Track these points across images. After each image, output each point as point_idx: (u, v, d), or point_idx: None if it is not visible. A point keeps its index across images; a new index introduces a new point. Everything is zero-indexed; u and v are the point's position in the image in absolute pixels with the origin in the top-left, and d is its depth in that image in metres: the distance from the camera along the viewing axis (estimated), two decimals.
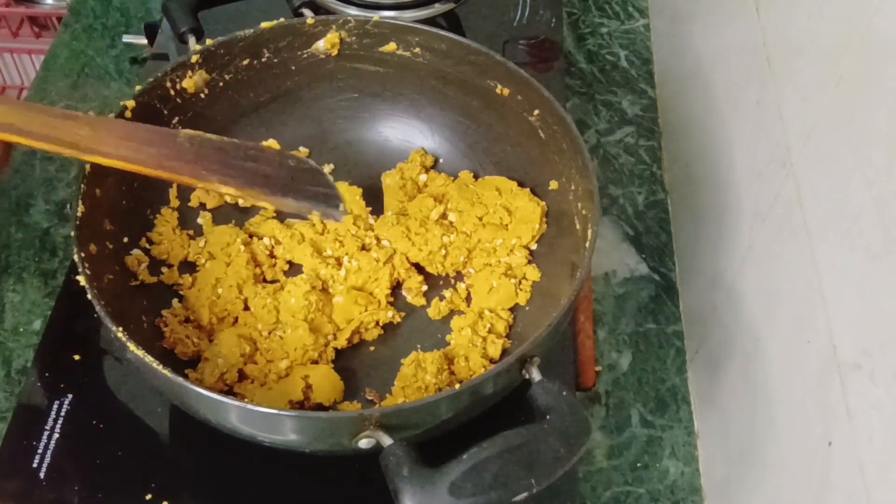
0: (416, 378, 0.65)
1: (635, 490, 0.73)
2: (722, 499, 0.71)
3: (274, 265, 0.72)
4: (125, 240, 0.69)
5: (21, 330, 0.78)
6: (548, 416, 0.53)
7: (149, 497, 0.64)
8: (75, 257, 0.60)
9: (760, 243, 0.69)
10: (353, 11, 0.88)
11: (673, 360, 0.81)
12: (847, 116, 0.56)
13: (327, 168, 0.79)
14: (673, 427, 0.77)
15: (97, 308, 0.57)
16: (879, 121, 0.52)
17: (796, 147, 0.63)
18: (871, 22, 0.54)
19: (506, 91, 0.73)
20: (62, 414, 0.68)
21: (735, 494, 0.69)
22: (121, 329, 0.56)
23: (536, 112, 0.71)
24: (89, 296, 0.57)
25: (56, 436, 0.66)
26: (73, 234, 0.61)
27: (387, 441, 0.52)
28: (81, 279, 0.58)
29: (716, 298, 0.76)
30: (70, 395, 0.69)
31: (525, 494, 0.50)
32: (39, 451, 0.66)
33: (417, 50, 0.75)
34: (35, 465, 0.65)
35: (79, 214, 0.62)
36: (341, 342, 0.69)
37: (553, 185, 0.72)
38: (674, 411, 0.78)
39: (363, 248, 0.73)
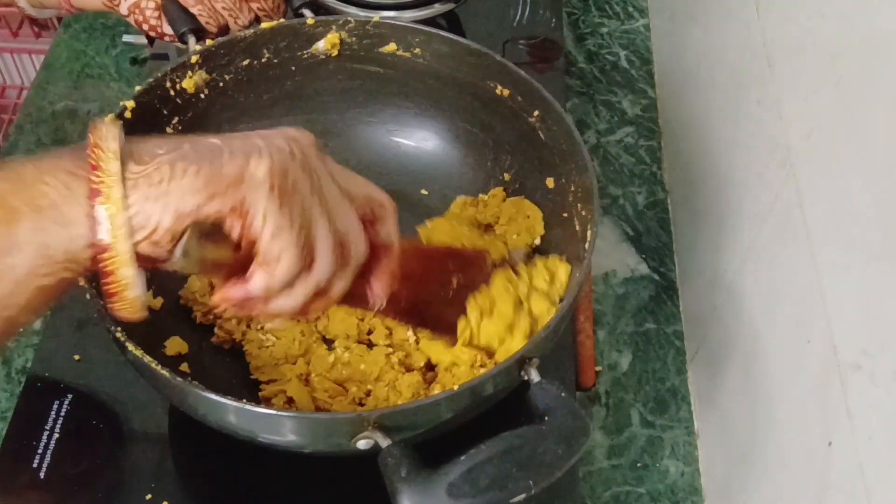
0: (388, 401, 0.64)
1: (635, 490, 0.73)
2: (722, 499, 0.71)
3: None
4: None
5: (21, 330, 0.78)
6: (546, 418, 0.53)
7: (149, 497, 0.64)
8: None
9: (760, 243, 0.69)
10: (353, 11, 0.88)
11: (673, 360, 0.81)
12: (847, 116, 0.56)
13: None
14: (673, 427, 0.77)
15: (97, 308, 0.57)
16: (879, 121, 0.52)
17: (796, 147, 0.63)
18: (871, 21, 0.54)
19: (506, 91, 0.73)
20: (62, 414, 0.68)
21: (735, 494, 0.69)
22: (120, 329, 0.56)
23: (536, 112, 0.71)
24: (89, 296, 0.57)
25: (56, 436, 0.67)
26: None
27: (385, 442, 0.52)
28: (81, 279, 0.58)
29: (716, 298, 0.76)
30: (70, 395, 0.69)
31: (523, 496, 0.50)
32: (39, 451, 0.66)
33: (417, 50, 0.75)
34: (35, 465, 0.65)
35: None
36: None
37: (549, 182, 0.72)
38: (674, 411, 0.78)
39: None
